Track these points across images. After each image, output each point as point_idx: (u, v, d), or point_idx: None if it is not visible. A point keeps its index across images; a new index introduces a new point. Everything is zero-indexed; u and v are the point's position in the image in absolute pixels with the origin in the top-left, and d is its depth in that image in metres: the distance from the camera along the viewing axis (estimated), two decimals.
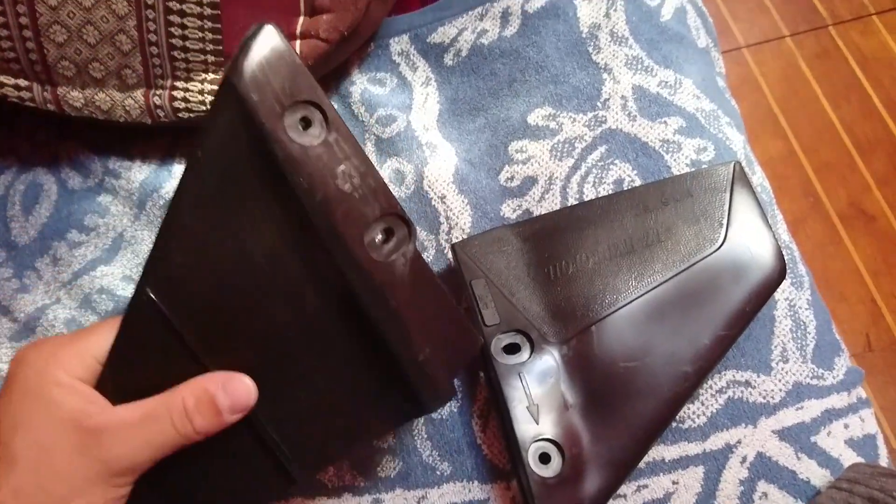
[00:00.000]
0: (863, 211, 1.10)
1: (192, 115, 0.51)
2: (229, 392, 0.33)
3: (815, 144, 1.14)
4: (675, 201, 0.47)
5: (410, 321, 0.36)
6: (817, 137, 1.15)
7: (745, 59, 1.21)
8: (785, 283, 0.48)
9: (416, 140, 0.53)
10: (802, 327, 0.47)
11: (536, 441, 0.41)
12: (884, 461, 0.45)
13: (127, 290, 0.51)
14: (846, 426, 0.45)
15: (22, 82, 0.49)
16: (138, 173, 0.54)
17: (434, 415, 0.46)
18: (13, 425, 0.32)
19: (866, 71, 1.19)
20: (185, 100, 0.50)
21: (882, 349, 0.99)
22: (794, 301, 0.48)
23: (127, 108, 0.51)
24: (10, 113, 0.55)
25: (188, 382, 0.33)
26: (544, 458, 0.41)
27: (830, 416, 0.45)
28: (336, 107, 0.56)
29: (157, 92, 0.50)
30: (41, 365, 0.33)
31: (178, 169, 0.55)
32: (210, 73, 0.50)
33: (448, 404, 0.47)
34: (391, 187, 0.52)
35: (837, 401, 0.45)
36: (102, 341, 0.34)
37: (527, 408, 0.42)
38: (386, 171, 0.53)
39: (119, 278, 0.51)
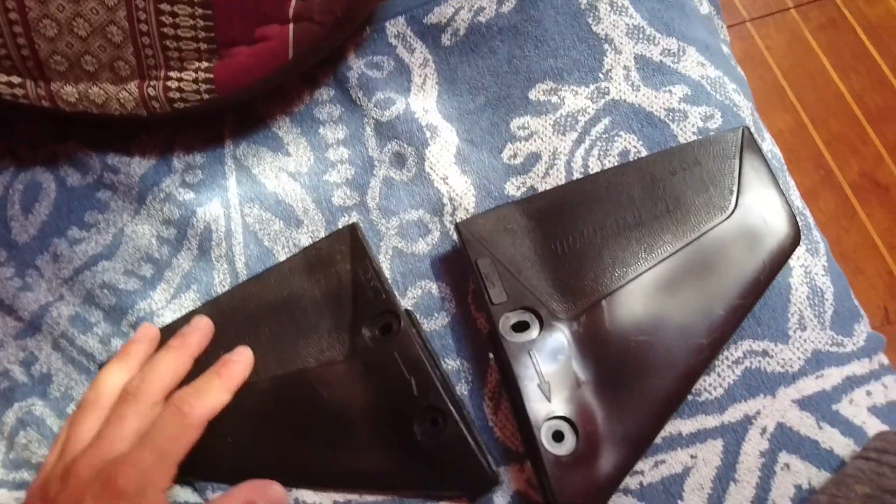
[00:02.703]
0: (876, 182, 1.08)
1: (187, 104, 0.50)
2: (267, 495, 0.41)
3: (824, 116, 1.13)
4: (683, 170, 0.45)
5: None
6: (826, 109, 1.13)
7: (750, 34, 1.19)
8: (800, 250, 0.46)
9: (415, 122, 0.52)
10: (819, 294, 0.46)
11: (549, 419, 0.40)
12: None
13: (129, 285, 0.50)
14: (868, 393, 0.44)
15: (15, 79, 0.49)
16: (138, 168, 0.54)
17: None
18: None
19: (874, 39, 1.17)
20: (179, 90, 0.49)
21: None
22: (809, 268, 0.46)
23: (121, 100, 0.50)
24: (7, 114, 0.55)
25: (232, 494, 0.40)
26: (558, 437, 0.40)
27: (852, 383, 0.44)
28: (333, 93, 0.55)
29: (151, 83, 0.49)
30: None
31: (177, 163, 0.54)
32: (203, 62, 0.49)
33: (459, 387, 0.46)
34: (392, 171, 0.52)
35: (859, 368, 0.44)
36: None
37: (538, 386, 0.41)
38: (386, 154, 0.52)
39: (121, 273, 0.51)
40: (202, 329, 0.46)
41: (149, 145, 0.55)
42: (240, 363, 0.44)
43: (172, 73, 0.49)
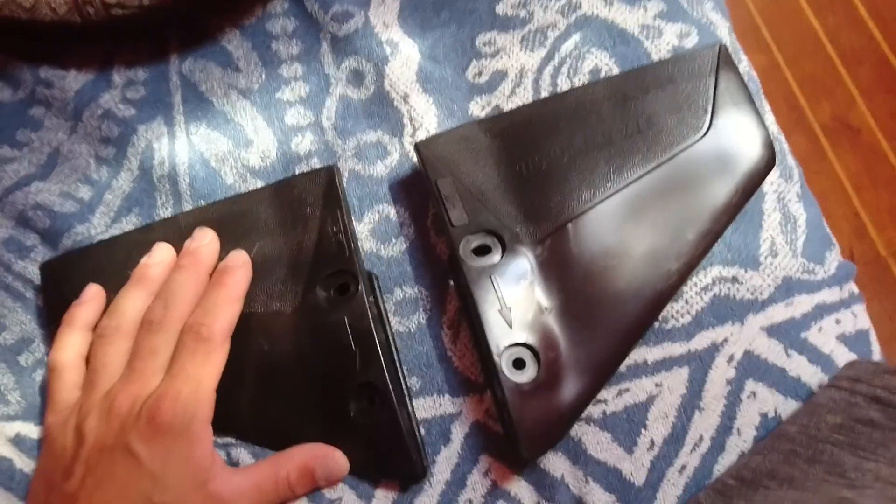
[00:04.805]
0: (847, 124, 1.07)
1: (125, 11, 0.46)
2: (326, 468, 0.39)
3: (798, 57, 1.11)
4: (656, 88, 0.43)
5: None
6: (801, 49, 1.11)
7: None
8: (773, 175, 0.45)
9: (375, 37, 0.49)
10: (792, 220, 0.44)
11: (510, 347, 0.38)
12: (877, 358, 0.43)
13: (65, 207, 0.47)
14: (838, 321, 0.43)
15: None
16: (73, 83, 0.50)
17: (401, 328, 0.44)
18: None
19: None
20: None
21: (866, 263, 0.97)
22: (783, 193, 0.45)
23: (52, 4, 0.46)
24: None
25: (291, 456, 0.39)
26: (518, 364, 0.38)
27: (822, 311, 0.43)
28: (287, 5, 0.51)
29: None
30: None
31: (117, 78, 0.50)
32: None
33: (416, 316, 0.44)
34: (349, 89, 0.49)
35: (829, 295, 0.43)
36: None
37: (499, 311, 0.39)
38: (343, 72, 0.49)
39: (56, 194, 0.47)
40: (210, 242, 0.43)
41: (86, 58, 0.50)
42: (239, 268, 0.42)
43: None
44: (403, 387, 0.41)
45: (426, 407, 0.42)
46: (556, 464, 0.41)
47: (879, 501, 0.31)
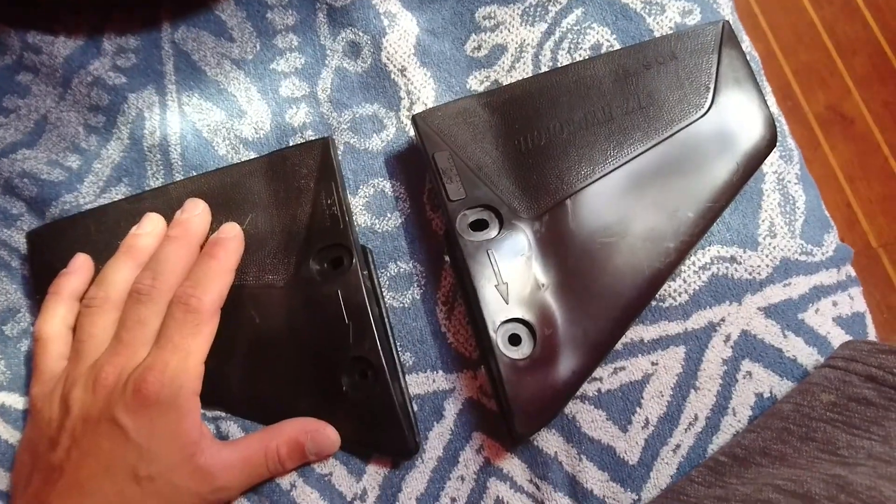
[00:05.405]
0: (841, 114, 1.07)
1: None
2: (317, 442, 0.39)
3: (794, 46, 1.10)
4: (658, 64, 0.42)
5: None
6: (797, 38, 1.11)
7: None
8: (773, 156, 0.44)
9: (372, 9, 0.48)
10: (791, 202, 0.44)
11: (506, 322, 0.38)
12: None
13: (52, 175, 0.46)
14: (835, 303, 0.42)
15: None
16: (62, 48, 0.48)
17: (395, 303, 0.43)
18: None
19: None
20: None
21: (857, 253, 0.97)
22: (782, 174, 0.44)
23: None
24: None
25: (281, 430, 0.39)
26: (514, 340, 0.38)
27: (819, 292, 0.42)
28: None
29: None
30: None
31: (108, 45, 0.49)
32: None
33: (410, 291, 0.43)
34: (345, 61, 0.48)
35: (826, 277, 0.43)
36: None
37: (496, 287, 0.38)
38: (340, 44, 0.48)
39: (44, 162, 0.46)
40: (201, 213, 0.42)
41: (76, 25, 0.49)
42: (231, 239, 0.41)
43: None
44: (396, 362, 0.41)
45: (419, 383, 0.42)
46: (549, 441, 0.40)
47: (872, 479, 0.31)
